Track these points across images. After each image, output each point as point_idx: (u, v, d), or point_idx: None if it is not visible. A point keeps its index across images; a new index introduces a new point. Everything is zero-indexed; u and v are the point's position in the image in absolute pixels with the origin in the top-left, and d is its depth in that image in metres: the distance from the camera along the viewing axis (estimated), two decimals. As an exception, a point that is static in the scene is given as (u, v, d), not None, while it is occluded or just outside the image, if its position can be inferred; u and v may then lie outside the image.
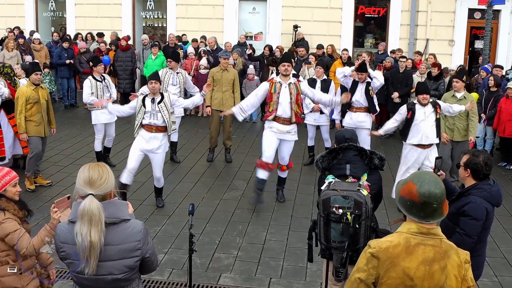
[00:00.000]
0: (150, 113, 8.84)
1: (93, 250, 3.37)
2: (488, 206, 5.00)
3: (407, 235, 3.40)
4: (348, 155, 5.35)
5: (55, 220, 4.32)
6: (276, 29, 19.64)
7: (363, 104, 10.65)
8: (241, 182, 10.61)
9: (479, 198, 4.98)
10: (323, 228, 4.91)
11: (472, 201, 4.97)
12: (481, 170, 5.02)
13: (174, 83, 11.53)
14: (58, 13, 21.63)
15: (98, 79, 10.91)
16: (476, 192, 5.02)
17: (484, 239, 5.15)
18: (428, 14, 18.88)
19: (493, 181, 5.14)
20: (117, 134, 12.00)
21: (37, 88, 9.84)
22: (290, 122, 9.18)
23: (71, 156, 11.78)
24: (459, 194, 5.14)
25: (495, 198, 5.06)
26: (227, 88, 11.66)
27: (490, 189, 5.03)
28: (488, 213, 5.01)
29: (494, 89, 12.43)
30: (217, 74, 11.74)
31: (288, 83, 9.10)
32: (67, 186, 9.65)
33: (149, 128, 8.89)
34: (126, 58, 17.15)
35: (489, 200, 5.01)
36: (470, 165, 5.05)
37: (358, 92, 10.63)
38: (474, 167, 5.03)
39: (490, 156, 5.24)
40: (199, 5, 19.78)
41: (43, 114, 9.93)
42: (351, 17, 19.54)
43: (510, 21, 18.91)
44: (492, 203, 5.04)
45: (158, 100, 8.86)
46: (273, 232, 8.35)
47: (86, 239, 3.34)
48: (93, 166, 3.58)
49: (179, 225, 8.43)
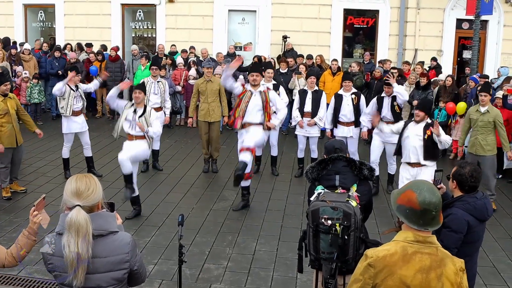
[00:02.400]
0: (130, 122, 9.03)
1: (81, 262, 3.34)
2: (470, 219, 4.87)
3: (404, 243, 3.45)
4: (338, 166, 5.34)
5: (35, 224, 4.00)
6: (265, 40, 19.70)
7: (390, 119, 10.47)
8: (230, 192, 10.59)
9: (461, 210, 4.88)
10: (312, 239, 4.90)
11: (453, 213, 4.87)
12: (465, 182, 4.94)
13: (156, 92, 11.71)
14: (47, 23, 21.58)
15: (73, 88, 10.90)
16: (459, 204, 4.92)
17: (470, 253, 4.99)
18: (416, 25, 19.00)
19: (482, 194, 5.04)
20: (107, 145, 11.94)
21: (5, 99, 9.82)
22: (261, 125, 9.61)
23: (59, 166, 11.72)
24: (443, 205, 5.05)
25: (479, 212, 4.91)
26: (213, 99, 11.67)
27: (474, 202, 4.91)
28: (471, 227, 4.86)
29: (482, 98, 12.47)
30: (202, 86, 11.77)
31: (258, 91, 9.50)
32: (56, 197, 9.59)
33: (130, 137, 9.12)
34: (116, 69, 17.15)
35: (472, 213, 4.88)
36: (456, 176, 5.00)
37: (385, 107, 10.61)
38: (459, 178, 4.97)
39: (478, 168, 5.09)
40: (188, 16, 19.80)
41: (14, 124, 9.92)
42: (340, 28, 19.61)
43: (498, 31, 19.07)
44: (476, 216, 4.89)
45: (139, 113, 9.02)
46: (263, 243, 8.34)
47: (74, 251, 3.32)
48: (80, 177, 3.56)
49: (168, 236, 8.40)
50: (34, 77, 16.10)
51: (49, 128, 15.26)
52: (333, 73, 15.43)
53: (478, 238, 5.03)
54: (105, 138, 14.47)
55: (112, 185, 10.53)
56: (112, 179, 10.88)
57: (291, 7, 19.29)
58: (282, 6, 19.39)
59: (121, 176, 10.80)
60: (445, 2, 18.94)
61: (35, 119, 15.27)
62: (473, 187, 4.97)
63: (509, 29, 18.95)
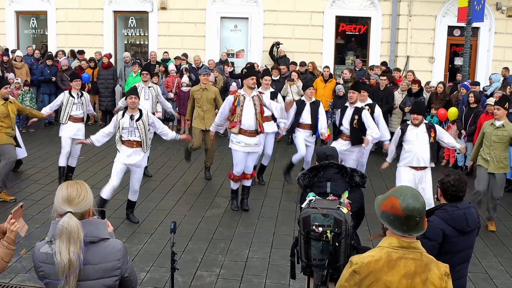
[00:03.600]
0: (128, 129, 8.94)
1: (72, 268, 3.33)
2: (446, 228, 4.76)
3: (388, 249, 3.45)
4: (329, 173, 5.36)
5: (13, 232, 3.87)
6: (257, 47, 19.74)
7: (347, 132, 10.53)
8: (223, 199, 10.59)
9: (437, 218, 4.79)
10: (303, 245, 4.91)
11: (429, 221, 4.65)
12: (447, 190, 4.88)
13: (147, 97, 11.70)
14: (40, 30, 21.56)
15: (74, 95, 10.91)
16: (437, 212, 4.85)
17: (452, 264, 4.55)
18: (408, 32, 19.07)
19: (467, 204, 4.95)
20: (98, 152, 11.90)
21: (6, 103, 9.84)
22: (256, 133, 9.63)
23: (51, 174, 11.69)
24: (426, 213, 4.98)
25: (457, 222, 4.79)
26: (208, 107, 11.63)
27: (452, 212, 4.82)
28: (446, 236, 4.76)
29: (474, 105, 12.56)
30: (197, 93, 11.72)
31: (251, 95, 9.59)
32: (48, 204, 9.57)
33: (129, 143, 9.00)
34: (108, 76, 17.15)
35: (448, 222, 4.78)
36: (440, 184, 4.97)
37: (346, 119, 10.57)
38: (442, 186, 4.93)
39: (462, 178, 4.96)
40: (181, 23, 19.81)
41: (14, 128, 10.07)
42: (332, 35, 19.67)
43: (489, 38, 19.17)
44: (453, 226, 4.77)
45: (136, 117, 8.94)
46: (255, 250, 8.33)
47: (65, 257, 3.30)
48: (71, 184, 3.56)
49: (161, 243, 8.39)
50: (25, 84, 16.04)
51: (40, 135, 15.22)
52: (325, 80, 15.46)
53: (459, 249, 4.88)
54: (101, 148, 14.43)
55: (104, 192, 10.50)
56: (103, 186, 10.84)
57: (283, 14, 19.35)
58: (274, 13, 19.43)
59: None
60: (436, 9, 19.03)
61: (27, 126, 15.21)
62: (455, 196, 4.90)
63: (500, 36, 19.06)
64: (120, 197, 10.22)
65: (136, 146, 9.00)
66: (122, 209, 9.75)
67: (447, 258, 4.72)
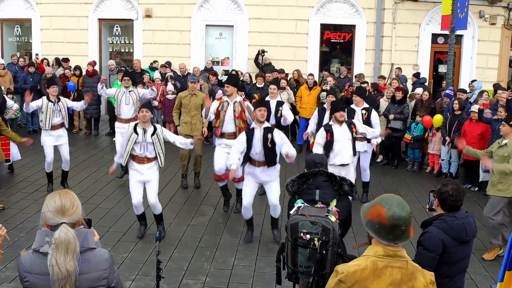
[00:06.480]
0: (141, 144, 8.59)
1: (70, 279, 3.31)
2: (446, 238, 4.72)
3: (374, 258, 3.45)
4: (318, 180, 5.37)
5: (1, 237, 3.79)
6: (242, 54, 19.76)
7: None
8: (208, 207, 10.57)
9: (436, 229, 4.74)
10: (290, 252, 4.91)
11: (428, 232, 4.75)
12: (446, 200, 4.82)
13: (127, 102, 11.63)
14: (24, 38, 21.47)
15: (52, 100, 10.86)
16: (436, 223, 4.79)
17: (449, 274, 4.82)
18: (392, 39, 19.18)
19: (466, 214, 4.91)
20: (83, 160, 11.83)
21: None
22: (235, 136, 9.74)
23: (36, 183, 11.62)
24: (423, 223, 4.93)
25: (456, 232, 4.76)
26: (195, 113, 11.64)
27: (452, 221, 4.77)
28: (446, 247, 4.72)
29: (458, 112, 12.65)
30: (185, 99, 11.73)
31: (233, 101, 10.06)
32: (32, 213, 9.50)
33: (140, 160, 8.69)
34: (93, 84, 17.07)
35: (448, 232, 4.73)
36: (437, 194, 4.91)
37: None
38: (440, 196, 4.87)
39: (460, 187, 4.93)
40: (166, 31, 19.81)
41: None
42: (317, 42, 19.77)
43: (472, 46, 19.35)
44: (452, 236, 4.74)
45: (151, 132, 8.58)
46: (241, 257, 8.32)
47: (64, 269, 3.28)
48: (63, 194, 3.52)
49: (146, 251, 8.35)
50: (8, 92, 15.91)
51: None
52: (309, 88, 15.50)
53: (458, 259, 4.86)
54: (82, 153, 14.38)
55: (89, 201, 10.44)
56: (88, 195, 10.79)
57: (268, 22, 19.41)
58: (259, 21, 19.49)
59: (98, 192, 10.79)
60: (420, 17, 19.17)
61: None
62: (454, 206, 4.85)
63: (483, 43, 19.24)
64: (104, 206, 10.21)
65: (147, 162, 8.70)
66: (107, 218, 9.71)
67: (446, 269, 4.78)
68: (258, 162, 8.62)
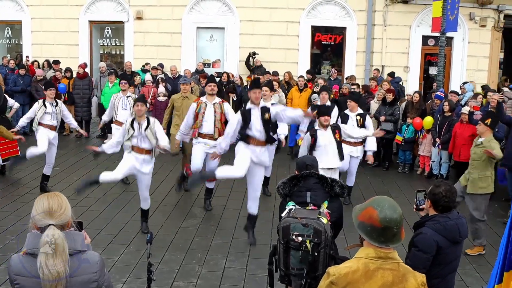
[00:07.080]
0: (137, 137, 8.84)
1: (60, 281, 3.29)
2: (440, 239, 4.74)
3: (365, 260, 3.45)
4: (309, 183, 5.37)
5: None
6: (233, 57, 19.77)
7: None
8: (199, 210, 10.55)
9: (430, 230, 4.76)
10: (282, 254, 4.91)
11: (422, 233, 4.76)
12: (439, 201, 4.83)
13: (125, 107, 11.63)
14: (14, 40, 21.41)
15: (47, 104, 10.84)
16: (429, 224, 4.80)
17: (442, 274, 4.85)
18: (383, 41, 19.26)
19: (457, 214, 4.92)
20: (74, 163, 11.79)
21: None
22: (214, 138, 9.91)
23: (26, 185, 11.58)
24: (416, 224, 4.94)
25: (450, 232, 4.78)
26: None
27: (445, 222, 4.79)
28: (440, 248, 4.75)
29: (448, 114, 12.70)
30: (178, 101, 11.75)
31: (213, 103, 10.08)
32: (22, 216, 9.46)
33: (139, 150, 8.90)
34: (84, 86, 17.05)
35: (442, 233, 4.75)
36: (430, 195, 4.91)
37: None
38: (432, 197, 4.87)
39: (453, 188, 4.95)
40: (157, 33, 19.80)
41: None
42: (308, 44, 19.82)
43: (463, 48, 19.44)
44: (446, 237, 4.76)
45: (144, 126, 8.80)
46: (232, 260, 8.31)
47: (54, 271, 3.26)
48: (51, 196, 3.51)
49: (137, 254, 8.32)
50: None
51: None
52: (300, 90, 15.51)
53: (450, 260, 4.89)
54: (73, 156, 14.33)
55: (80, 203, 10.39)
56: (79, 197, 10.75)
57: (259, 24, 19.43)
58: (250, 23, 19.51)
59: (89, 195, 10.74)
60: (411, 19, 19.24)
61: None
62: (447, 207, 4.86)
63: (473, 45, 19.33)
64: (95, 208, 10.17)
65: (145, 153, 8.92)
66: (98, 220, 9.68)
67: (440, 269, 4.80)
68: (258, 141, 8.48)
